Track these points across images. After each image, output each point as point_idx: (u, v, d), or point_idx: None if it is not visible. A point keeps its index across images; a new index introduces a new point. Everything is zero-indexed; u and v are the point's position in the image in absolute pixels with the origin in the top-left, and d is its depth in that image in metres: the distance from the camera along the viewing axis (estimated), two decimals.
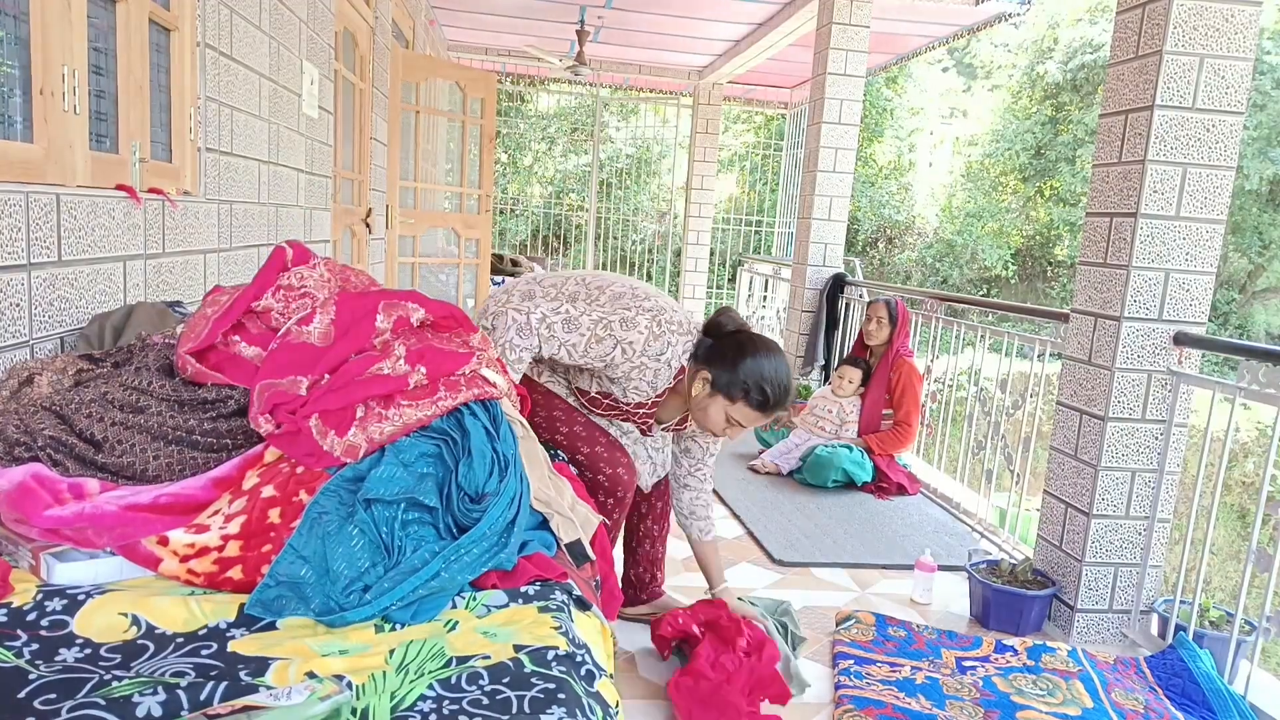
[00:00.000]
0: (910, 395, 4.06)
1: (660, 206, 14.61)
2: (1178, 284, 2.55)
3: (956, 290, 15.78)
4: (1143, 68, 2.51)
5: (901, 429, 4.05)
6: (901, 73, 16.41)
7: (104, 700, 0.87)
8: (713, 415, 2.02)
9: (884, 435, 4.07)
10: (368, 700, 0.95)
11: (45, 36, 1.67)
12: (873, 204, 16.23)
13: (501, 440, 1.39)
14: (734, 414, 2.00)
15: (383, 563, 1.19)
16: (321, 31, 3.63)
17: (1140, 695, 2.26)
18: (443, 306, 1.56)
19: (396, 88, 5.39)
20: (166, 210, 2.21)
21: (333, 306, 1.46)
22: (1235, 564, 8.58)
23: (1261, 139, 13.41)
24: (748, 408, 1.98)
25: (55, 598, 1.08)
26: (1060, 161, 15.38)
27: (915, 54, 7.60)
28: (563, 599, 1.24)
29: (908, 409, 4.05)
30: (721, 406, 2.00)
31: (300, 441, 1.29)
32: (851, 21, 5.08)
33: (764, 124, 13.70)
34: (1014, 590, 2.65)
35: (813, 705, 2.16)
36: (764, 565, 3.05)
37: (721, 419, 2.01)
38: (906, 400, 4.06)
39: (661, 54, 8.63)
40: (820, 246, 5.36)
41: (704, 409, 2.03)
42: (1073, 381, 2.75)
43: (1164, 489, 2.63)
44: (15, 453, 1.27)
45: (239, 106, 2.70)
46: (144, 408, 1.38)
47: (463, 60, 9.17)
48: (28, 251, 1.59)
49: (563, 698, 0.98)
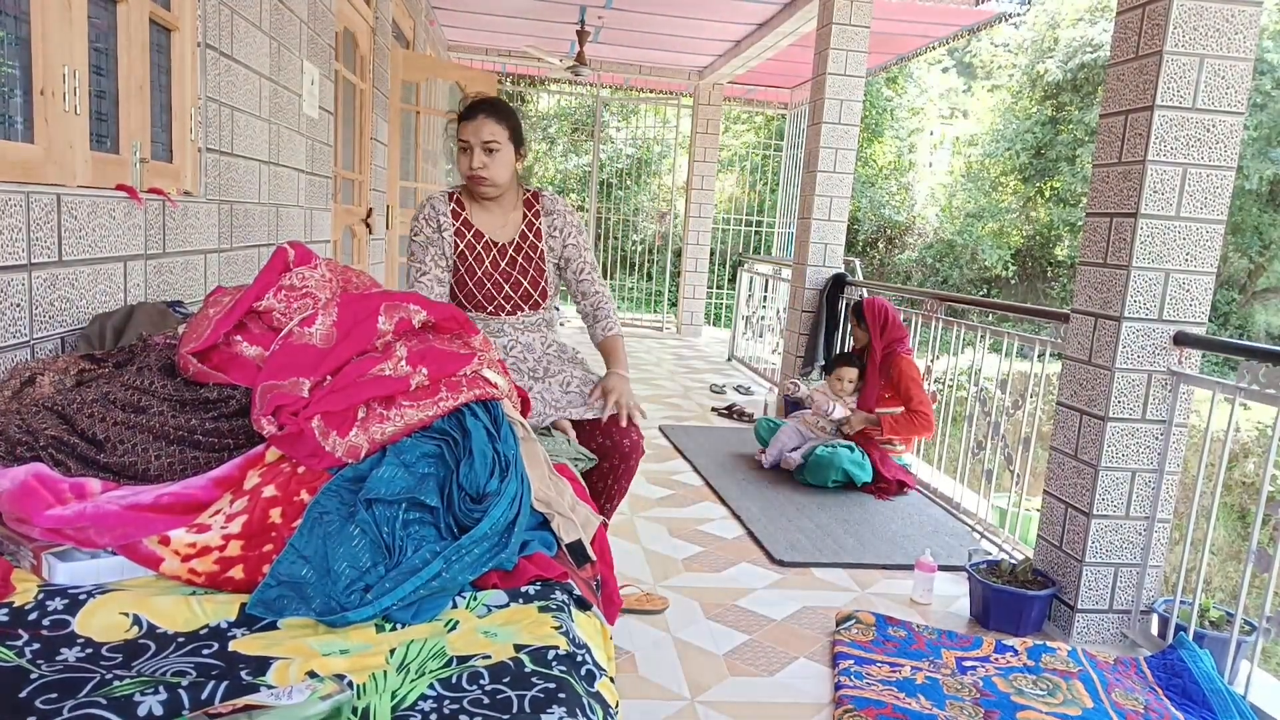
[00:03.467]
0: (914, 386, 4.03)
1: (660, 206, 14.61)
2: (1178, 284, 2.55)
3: (956, 290, 15.79)
4: (1143, 68, 2.51)
5: (916, 416, 4.01)
6: (901, 73, 16.42)
7: (105, 700, 0.87)
8: (459, 162, 2.26)
9: (899, 419, 4.02)
10: (368, 700, 0.96)
11: (46, 36, 1.67)
12: (873, 204, 16.24)
13: (503, 440, 1.39)
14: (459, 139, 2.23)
15: (384, 562, 1.19)
16: (322, 31, 3.63)
17: (1140, 695, 2.26)
18: (444, 308, 1.56)
19: (396, 88, 5.40)
20: (167, 210, 2.21)
21: (335, 308, 1.47)
22: (1235, 564, 8.58)
23: (1261, 139, 13.41)
24: (457, 124, 2.25)
25: (57, 597, 1.08)
26: (1060, 161, 15.38)
27: (915, 54, 7.61)
28: (563, 599, 1.24)
29: (917, 397, 4.02)
30: (458, 150, 2.25)
31: (303, 442, 1.29)
32: (851, 21, 5.08)
33: (764, 124, 13.71)
34: (1014, 590, 2.65)
35: (813, 705, 2.16)
36: (764, 565, 3.06)
37: (461, 155, 2.25)
38: (912, 390, 4.02)
39: (661, 54, 8.63)
40: (820, 246, 5.36)
41: (458, 167, 2.28)
42: (1073, 382, 2.76)
43: (1164, 489, 2.63)
44: (17, 452, 1.28)
45: (239, 106, 2.70)
46: (146, 407, 1.38)
47: (463, 60, 9.17)
48: (28, 252, 1.60)
49: (563, 697, 0.98)
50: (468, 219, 2.32)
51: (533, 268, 2.34)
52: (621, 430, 2.19)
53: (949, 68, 18.38)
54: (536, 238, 2.35)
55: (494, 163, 2.21)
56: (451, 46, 8.93)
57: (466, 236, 2.31)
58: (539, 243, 2.35)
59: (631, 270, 13.41)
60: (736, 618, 2.61)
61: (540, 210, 2.36)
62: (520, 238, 2.33)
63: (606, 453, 2.19)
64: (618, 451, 2.19)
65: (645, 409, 2.25)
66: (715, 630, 2.51)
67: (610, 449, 2.19)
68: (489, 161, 2.20)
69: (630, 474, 2.24)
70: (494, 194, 2.28)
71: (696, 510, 3.61)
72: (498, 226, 2.34)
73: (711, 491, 3.86)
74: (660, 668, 2.27)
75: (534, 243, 2.34)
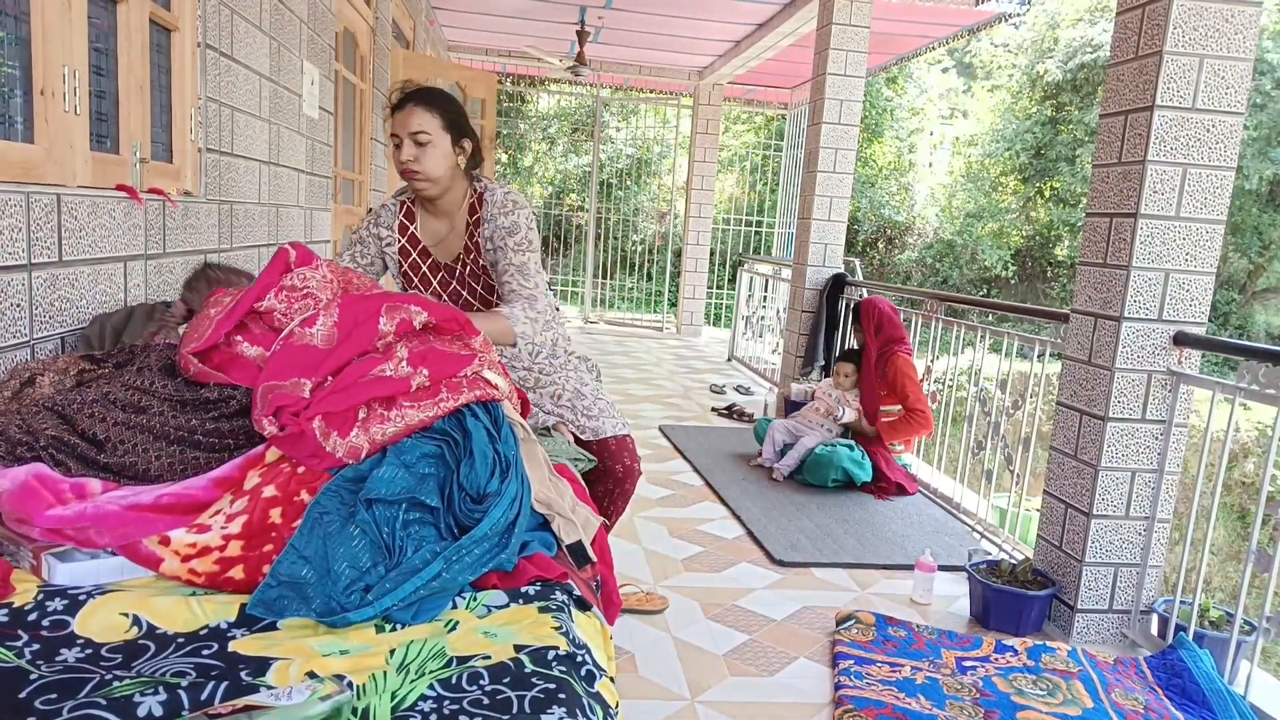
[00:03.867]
0: (910, 383, 4.04)
1: (660, 207, 14.61)
2: (1178, 284, 2.55)
3: (956, 290, 15.78)
4: (1143, 68, 2.51)
5: (914, 415, 4.02)
6: (901, 73, 16.41)
7: (105, 700, 0.87)
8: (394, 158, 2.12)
9: (895, 423, 4.05)
10: (368, 700, 0.96)
11: (46, 37, 1.67)
12: (873, 204, 16.23)
13: (503, 441, 1.39)
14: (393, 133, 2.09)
15: (384, 563, 1.19)
16: (322, 32, 3.63)
17: (1140, 695, 2.26)
18: (445, 310, 1.56)
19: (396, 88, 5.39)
20: (167, 210, 2.21)
21: (336, 309, 1.47)
22: (1235, 564, 8.58)
23: (1261, 139, 13.41)
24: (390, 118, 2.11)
25: (56, 598, 1.08)
26: (1060, 161, 15.38)
27: (915, 54, 7.61)
28: (563, 599, 1.24)
29: (913, 394, 4.03)
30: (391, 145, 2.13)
31: (303, 443, 1.29)
32: (851, 22, 5.08)
33: (764, 124, 13.70)
34: (1014, 590, 2.65)
35: (813, 705, 2.16)
36: (764, 565, 3.06)
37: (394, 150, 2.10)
38: (908, 388, 4.04)
39: (661, 54, 8.63)
40: (820, 247, 5.36)
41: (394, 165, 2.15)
42: (1073, 382, 2.76)
43: (1164, 489, 2.63)
44: (18, 452, 1.28)
45: (239, 107, 2.70)
46: (146, 408, 1.38)
47: (463, 60, 9.17)
48: (28, 252, 1.60)
49: (563, 698, 0.98)
50: (414, 234, 2.18)
51: (480, 285, 2.19)
52: (614, 455, 2.13)
53: (949, 68, 18.38)
54: (479, 252, 2.17)
55: (426, 156, 2.03)
56: (451, 46, 8.93)
57: (412, 254, 2.18)
58: (480, 258, 2.17)
59: (631, 270, 13.41)
60: (736, 618, 2.61)
61: (482, 217, 2.16)
62: (464, 252, 2.17)
63: (600, 477, 2.13)
64: (610, 476, 2.14)
65: (645, 409, 2.23)
66: (715, 630, 2.51)
67: (603, 473, 2.13)
68: (420, 155, 2.02)
69: (626, 497, 2.18)
70: (433, 191, 2.09)
71: (696, 510, 3.61)
72: (441, 240, 2.19)
73: (711, 491, 3.86)
74: (660, 668, 2.27)
75: (476, 258, 2.17)
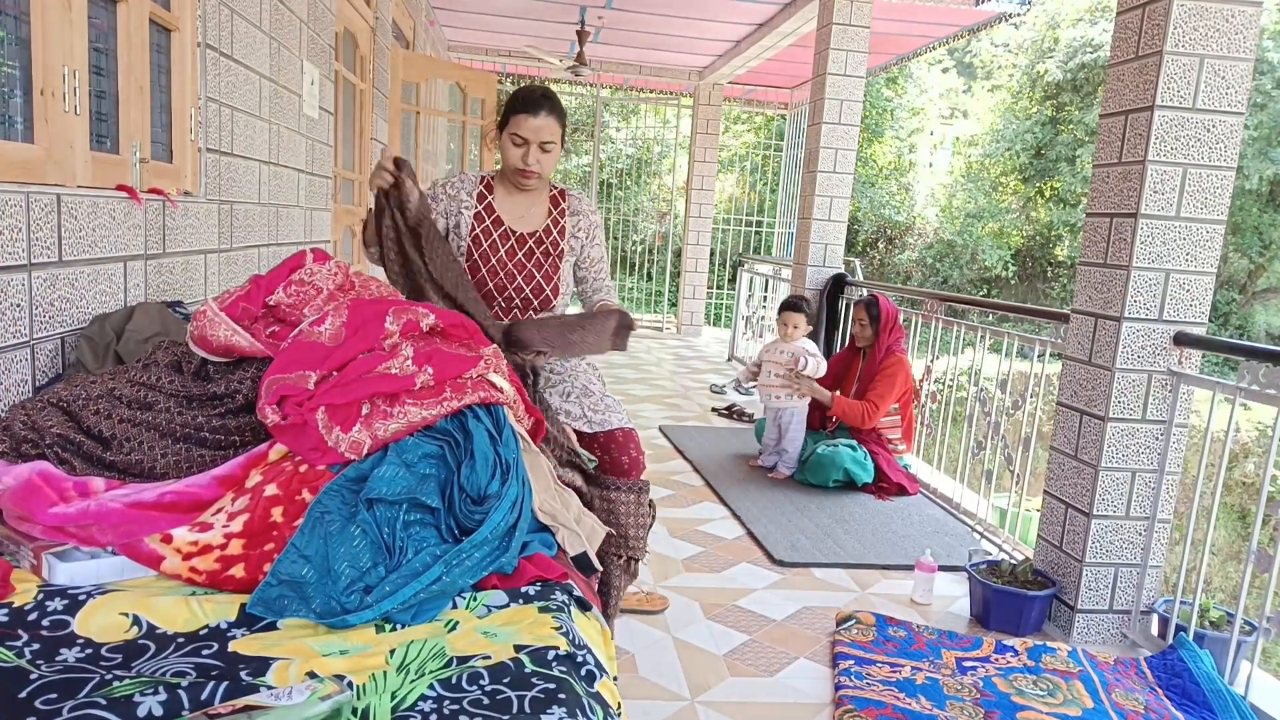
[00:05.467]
0: (892, 384, 4.05)
1: (660, 207, 14.61)
2: (1178, 284, 2.55)
3: (956, 290, 15.78)
4: (1143, 68, 2.51)
5: (867, 405, 4.04)
6: (901, 73, 16.42)
7: (105, 700, 0.87)
8: (509, 152, 2.18)
9: (851, 404, 4.07)
10: (368, 700, 0.96)
11: (46, 37, 1.67)
12: (873, 204, 16.23)
13: (504, 444, 1.39)
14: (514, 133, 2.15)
15: (384, 563, 1.19)
16: (322, 32, 3.63)
17: (1140, 696, 2.26)
18: (454, 315, 1.57)
19: (396, 88, 5.40)
20: (167, 210, 2.21)
21: (345, 310, 1.48)
22: (1235, 564, 8.58)
23: (1261, 139, 13.41)
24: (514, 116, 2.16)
25: (56, 598, 1.08)
26: (1060, 161, 15.38)
27: (915, 54, 7.61)
28: (563, 599, 1.24)
29: (881, 391, 4.05)
30: (507, 138, 2.18)
31: (305, 435, 1.29)
32: (851, 22, 5.08)
33: (764, 124, 13.69)
34: (1014, 590, 2.65)
35: (813, 705, 2.16)
36: (764, 565, 3.05)
37: (512, 147, 2.17)
38: (880, 384, 4.06)
39: (661, 54, 8.63)
40: (820, 247, 5.36)
41: (504, 154, 2.21)
42: (1073, 382, 2.76)
43: (1164, 489, 2.63)
44: (23, 449, 1.28)
45: (239, 107, 2.70)
46: (152, 404, 1.38)
47: (463, 60, 9.17)
48: (28, 252, 1.60)
49: (563, 698, 0.98)
50: (491, 203, 2.25)
51: (549, 264, 2.26)
52: (621, 446, 2.14)
53: (949, 68, 18.38)
54: (560, 235, 2.27)
55: (547, 161, 2.16)
56: (451, 46, 8.93)
57: (485, 221, 2.23)
58: (561, 240, 2.27)
59: (631, 270, 13.40)
60: (736, 618, 2.61)
61: (566, 209, 2.29)
62: (544, 232, 2.26)
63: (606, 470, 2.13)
64: (617, 467, 2.13)
65: (645, 409, 2.24)
66: (715, 630, 2.51)
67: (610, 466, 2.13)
68: (543, 160, 2.15)
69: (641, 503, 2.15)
70: (536, 186, 2.24)
71: (696, 510, 3.61)
72: (520, 216, 2.28)
73: (711, 491, 3.86)
74: (660, 668, 2.27)
75: (556, 239, 2.27)
